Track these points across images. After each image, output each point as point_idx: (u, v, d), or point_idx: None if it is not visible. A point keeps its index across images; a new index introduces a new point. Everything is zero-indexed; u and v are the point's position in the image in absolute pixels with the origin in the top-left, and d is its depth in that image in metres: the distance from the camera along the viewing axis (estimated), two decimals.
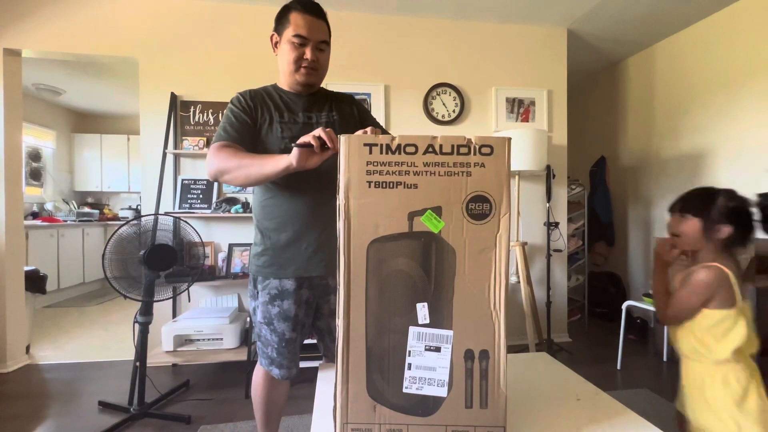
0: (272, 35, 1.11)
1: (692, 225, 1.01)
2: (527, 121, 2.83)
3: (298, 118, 1.10)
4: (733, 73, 2.55)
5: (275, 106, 1.11)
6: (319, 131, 0.84)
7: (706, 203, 1.00)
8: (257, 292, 1.11)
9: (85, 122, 5.20)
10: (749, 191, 2.17)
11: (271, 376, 1.14)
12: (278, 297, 1.07)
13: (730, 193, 1.00)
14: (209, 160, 1.01)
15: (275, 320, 1.07)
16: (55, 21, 2.37)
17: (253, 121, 1.08)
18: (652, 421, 0.76)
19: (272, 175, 0.94)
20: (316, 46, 1.06)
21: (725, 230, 0.97)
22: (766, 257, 2.13)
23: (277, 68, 1.15)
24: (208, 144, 2.50)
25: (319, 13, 1.06)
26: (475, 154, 0.63)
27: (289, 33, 1.04)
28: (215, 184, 2.50)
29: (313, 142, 0.84)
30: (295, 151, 0.87)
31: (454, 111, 2.75)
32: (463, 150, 0.63)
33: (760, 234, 1.00)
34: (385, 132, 1.07)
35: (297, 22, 1.03)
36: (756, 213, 0.98)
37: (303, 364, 1.47)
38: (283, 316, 1.07)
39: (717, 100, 2.66)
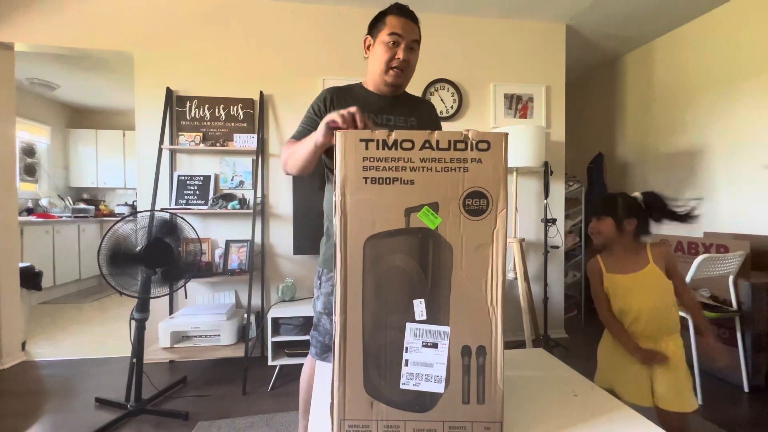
0: (366, 38, 1.19)
1: (608, 223, 1.22)
2: (525, 117, 2.82)
3: (376, 118, 1.14)
4: (731, 70, 2.55)
5: (354, 104, 1.13)
6: (344, 110, 0.86)
7: (613, 204, 1.22)
8: (321, 284, 1.17)
9: (80, 117, 5.15)
10: (746, 187, 2.23)
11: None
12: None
13: (625, 194, 1.24)
14: (283, 155, 1.14)
15: None
16: (48, 14, 2.34)
17: None
18: (646, 415, 0.76)
19: (309, 154, 0.99)
20: (408, 45, 1.13)
21: (632, 222, 1.19)
22: (761, 254, 2.14)
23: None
24: (204, 140, 2.48)
25: (412, 17, 1.14)
26: (471, 149, 0.63)
27: (384, 33, 1.12)
28: (211, 180, 2.49)
29: (337, 119, 0.85)
30: (321, 127, 0.90)
31: (452, 107, 2.74)
32: (460, 146, 0.63)
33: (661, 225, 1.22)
34: None
35: (392, 22, 1.12)
36: (644, 207, 1.21)
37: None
38: None
39: (714, 96, 2.66)
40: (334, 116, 0.86)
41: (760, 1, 2.37)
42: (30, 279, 2.66)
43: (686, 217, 1.17)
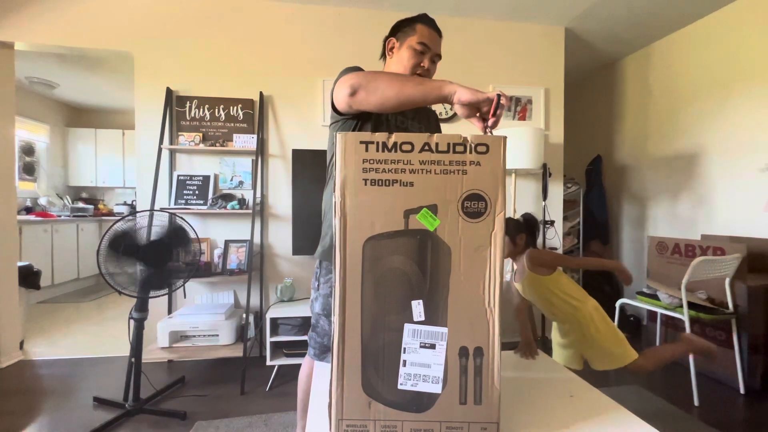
0: (390, 40, 1.20)
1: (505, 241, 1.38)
2: (524, 120, 2.84)
3: (391, 119, 1.14)
4: (729, 73, 2.56)
5: None
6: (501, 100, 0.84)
7: (507, 225, 1.37)
8: (319, 285, 1.17)
9: (79, 116, 5.15)
10: (743, 190, 2.23)
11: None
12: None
13: (510, 218, 1.47)
14: (343, 84, 0.95)
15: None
16: (48, 13, 2.34)
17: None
18: (643, 417, 0.77)
19: (427, 96, 0.87)
20: (432, 57, 1.15)
21: (522, 237, 1.44)
22: (756, 257, 2.15)
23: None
24: (204, 140, 2.48)
25: (439, 32, 1.18)
26: (470, 152, 0.64)
27: (413, 40, 1.13)
28: (211, 180, 2.49)
29: (484, 105, 0.86)
30: (469, 94, 0.84)
31: (451, 109, 2.75)
32: (459, 148, 0.64)
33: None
34: None
35: (423, 32, 1.14)
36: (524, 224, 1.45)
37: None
38: None
39: (712, 100, 2.68)
40: (486, 97, 0.85)
41: (757, 6, 2.38)
42: (28, 278, 2.66)
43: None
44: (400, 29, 1.18)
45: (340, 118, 1.08)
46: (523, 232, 1.44)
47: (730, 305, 2.03)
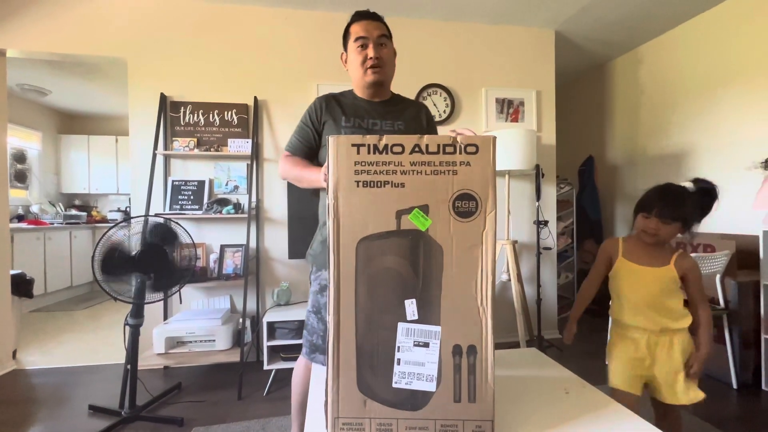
0: (341, 54, 1.25)
1: (674, 229, 1.16)
2: (517, 121, 2.87)
3: (363, 122, 1.17)
4: (715, 73, 2.61)
5: (343, 110, 1.19)
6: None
7: (685, 209, 1.14)
8: (310, 282, 1.23)
9: (72, 123, 5.12)
10: (731, 188, 2.23)
11: (311, 367, 1.16)
12: (327, 288, 1.11)
13: (688, 192, 1.16)
14: (279, 166, 1.23)
15: (323, 309, 1.12)
16: (41, 20, 2.34)
17: (316, 131, 1.21)
18: (637, 412, 0.78)
19: (307, 184, 1.12)
20: (376, 42, 1.15)
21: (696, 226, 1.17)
22: (746, 253, 2.19)
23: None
24: (198, 145, 2.49)
25: (373, 17, 1.18)
26: (460, 153, 0.65)
27: (351, 41, 1.17)
28: (206, 184, 2.49)
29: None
30: (321, 176, 1.01)
31: (445, 111, 2.77)
32: (449, 149, 0.65)
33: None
34: None
35: (355, 29, 1.16)
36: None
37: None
38: None
39: (700, 99, 2.72)
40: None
41: (742, 8, 2.44)
42: (21, 286, 2.63)
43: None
44: (343, 40, 1.23)
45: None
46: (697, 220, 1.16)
47: (721, 301, 2.06)
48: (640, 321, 1.17)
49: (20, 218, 4.12)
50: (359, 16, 1.18)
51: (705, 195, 1.15)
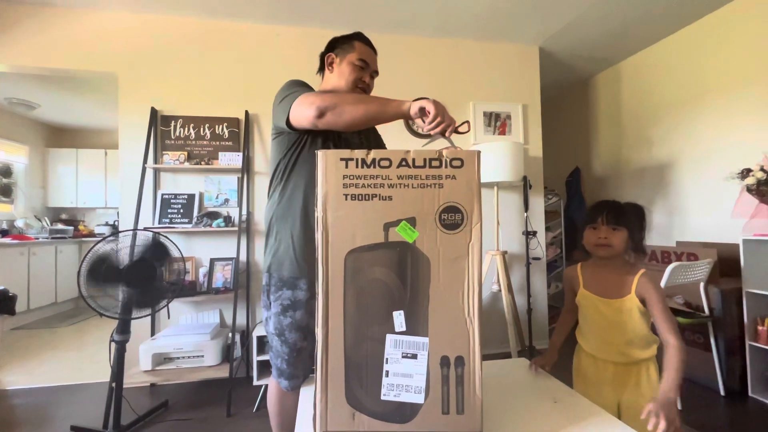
0: (329, 55, 1.23)
1: (622, 235, 1.15)
2: (504, 134, 2.93)
3: (333, 135, 1.16)
4: (694, 88, 2.72)
5: None
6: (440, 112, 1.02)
7: (630, 214, 1.16)
8: (270, 303, 1.12)
9: (60, 137, 5.07)
10: (711, 198, 2.28)
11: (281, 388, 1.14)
12: (290, 308, 1.08)
13: (636, 204, 1.19)
14: (306, 105, 0.98)
15: (287, 331, 1.08)
16: (31, 35, 2.34)
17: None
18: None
19: (384, 116, 0.99)
20: (371, 73, 1.23)
21: (642, 236, 1.17)
22: (728, 261, 2.24)
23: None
24: (189, 158, 2.48)
25: (375, 50, 1.24)
26: (446, 166, 0.67)
27: (353, 56, 1.19)
28: (196, 198, 2.48)
29: (432, 111, 1.00)
30: (415, 105, 0.99)
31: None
32: (435, 163, 0.67)
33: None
34: None
35: (362, 50, 1.20)
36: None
37: None
38: (294, 326, 1.08)
39: (680, 112, 2.83)
40: (431, 107, 0.99)
41: (719, 24, 2.56)
42: (3, 303, 2.56)
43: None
44: (337, 45, 1.22)
45: (287, 131, 1.09)
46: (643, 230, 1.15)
47: (706, 309, 2.10)
48: (607, 355, 1.10)
49: (4, 233, 4.03)
50: (366, 40, 1.22)
51: (638, 210, 1.17)
